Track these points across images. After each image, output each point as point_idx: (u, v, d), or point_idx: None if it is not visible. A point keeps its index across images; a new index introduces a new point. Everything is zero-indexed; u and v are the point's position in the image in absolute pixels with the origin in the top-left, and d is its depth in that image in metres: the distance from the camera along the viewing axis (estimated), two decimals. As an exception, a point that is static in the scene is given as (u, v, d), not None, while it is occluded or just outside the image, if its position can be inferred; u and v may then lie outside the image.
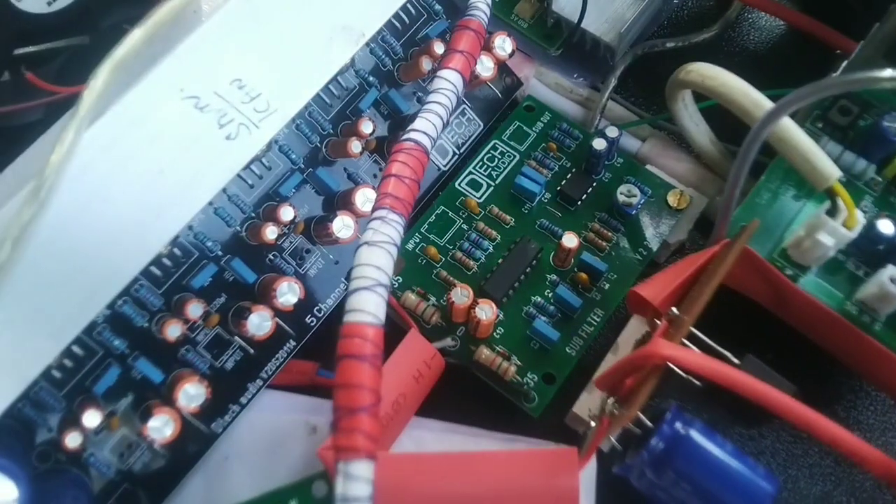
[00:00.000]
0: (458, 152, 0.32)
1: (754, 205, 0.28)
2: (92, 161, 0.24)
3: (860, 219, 0.24)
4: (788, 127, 0.24)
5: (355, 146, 0.28)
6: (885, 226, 0.25)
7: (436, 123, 0.25)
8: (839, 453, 0.29)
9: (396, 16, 0.30)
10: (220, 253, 0.26)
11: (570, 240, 0.28)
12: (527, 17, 0.35)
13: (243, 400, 0.27)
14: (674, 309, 0.24)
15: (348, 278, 0.29)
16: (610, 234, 0.30)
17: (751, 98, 0.24)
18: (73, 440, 0.24)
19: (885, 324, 0.26)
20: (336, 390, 0.18)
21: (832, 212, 0.24)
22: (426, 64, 0.29)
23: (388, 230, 0.20)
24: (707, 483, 0.22)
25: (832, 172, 0.23)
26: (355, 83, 0.29)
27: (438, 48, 0.29)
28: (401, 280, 0.29)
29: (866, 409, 0.30)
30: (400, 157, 0.22)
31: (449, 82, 0.26)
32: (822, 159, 0.23)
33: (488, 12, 0.27)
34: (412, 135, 0.24)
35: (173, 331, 0.25)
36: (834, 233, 0.24)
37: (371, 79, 0.30)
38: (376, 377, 0.18)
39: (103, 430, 0.25)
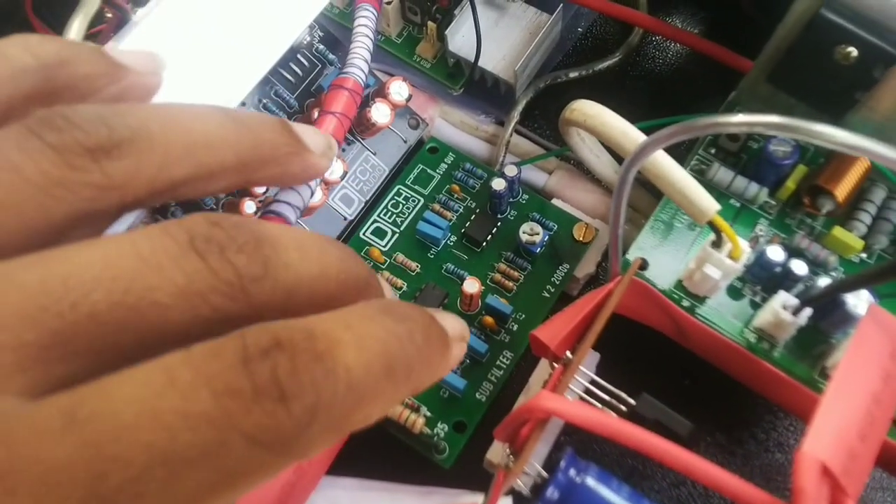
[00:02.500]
0: (363, 200, 0.32)
1: (651, 236, 0.28)
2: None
3: (745, 248, 0.24)
4: (664, 164, 0.24)
5: (248, 207, 0.28)
6: (774, 252, 0.25)
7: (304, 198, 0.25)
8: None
9: (289, 69, 0.30)
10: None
11: (471, 285, 0.28)
12: (429, 57, 0.35)
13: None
14: (568, 353, 0.24)
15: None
16: (517, 273, 0.30)
17: (627, 136, 0.24)
18: None
19: (785, 349, 0.26)
20: None
21: (717, 243, 0.24)
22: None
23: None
24: (600, 532, 0.21)
25: (710, 206, 0.23)
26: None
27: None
28: (307, 337, 0.29)
29: (786, 429, 0.30)
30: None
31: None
32: (699, 194, 0.23)
33: (366, 69, 0.27)
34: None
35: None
36: (720, 265, 0.24)
37: (331, 56, 0.31)
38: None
39: None
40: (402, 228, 0.31)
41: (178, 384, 0.12)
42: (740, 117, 0.19)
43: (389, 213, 0.31)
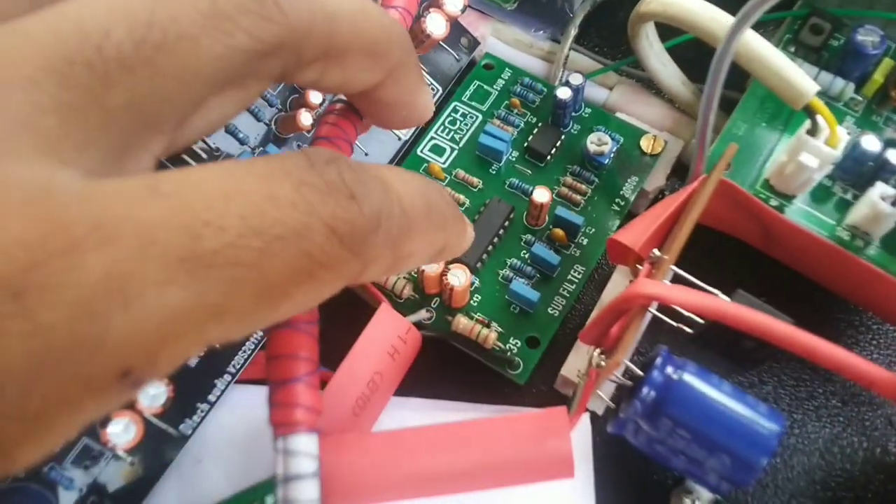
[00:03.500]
0: (418, 119, 0.30)
1: (731, 137, 0.26)
2: None
3: (843, 135, 0.23)
4: (758, 45, 0.22)
5: (305, 118, 0.26)
6: (869, 142, 0.24)
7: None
8: (846, 386, 0.28)
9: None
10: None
11: (541, 194, 0.27)
12: (479, -26, 0.33)
13: (211, 397, 0.25)
14: (655, 251, 0.23)
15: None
16: (584, 186, 0.29)
17: (714, 18, 0.23)
18: (27, 454, 0.22)
19: (880, 246, 0.24)
20: (268, 364, 0.16)
21: (813, 131, 0.23)
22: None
23: None
24: (706, 428, 0.20)
25: (809, 87, 0.22)
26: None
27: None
28: (368, 255, 0.27)
29: (869, 343, 0.29)
30: (330, 119, 0.20)
31: None
32: (797, 74, 0.22)
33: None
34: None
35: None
36: (817, 152, 0.23)
37: None
38: (311, 344, 0.16)
39: (62, 441, 0.23)
40: (461, 144, 0.30)
41: (258, 171, 0.13)
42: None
43: (447, 130, 0.30)
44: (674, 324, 0.23)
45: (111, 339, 0.11)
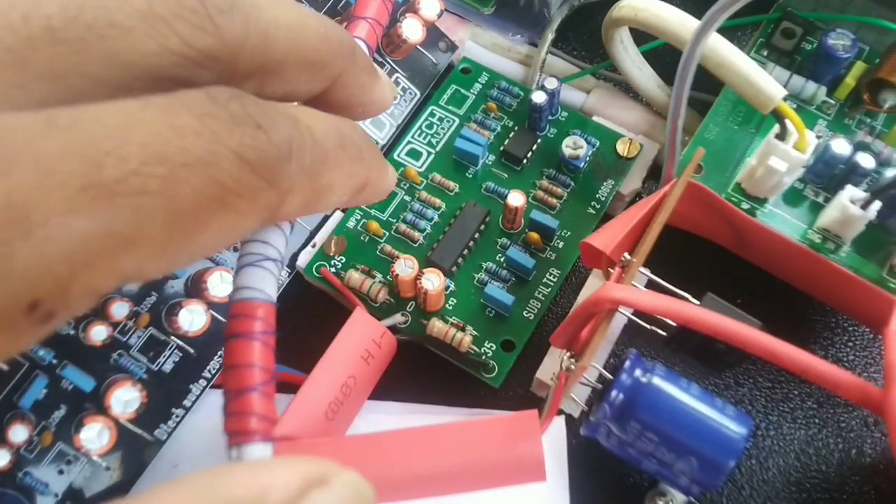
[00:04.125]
0: (395, 124, 0.30)
1: (703, 141, 0.27)
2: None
3: (811, 139, 0.23)
4: (726, 50, 0.22)
5: None
6: (839, 146, 0.24)
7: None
8: (821, 388, 0.28)
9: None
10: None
11: (515, 198, 0.27)
12: (457, -21, 0.33)
13: (187, 402, 0.25)
14: (626, 255, 0.23)
15: (290, 266, 0.28)
16: (560, 190, 0.29)
17: (683, 23, 0.23)
18: (0, 458, 0.22)
19: (852, 249, 0.25)
20: (224, 373, 0.16)
21: (782, 135, 0.23)
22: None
23: None
24: (673, 431, 0.20)
25: (776, 92, 0.22)
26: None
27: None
28: (344, 259, 0.27)
29: (844, 345, 0.29)
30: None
31: None
32: (764, 79, 0.22)
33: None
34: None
35: (98, 333, 0.24)
36: (786, 156, 0.23)
37: None
38: (267, 354, 0.16)
39: (36, 446, 0.23)
40: (437, 149, 0.30)
41: (156, 103, 0.12)
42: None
43: (424, 134, 0.30)
44: (648, 327, 0.23)
45: (15, 270, 0.11)
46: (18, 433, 0.23)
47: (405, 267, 0.26)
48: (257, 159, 0.13)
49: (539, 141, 0.30)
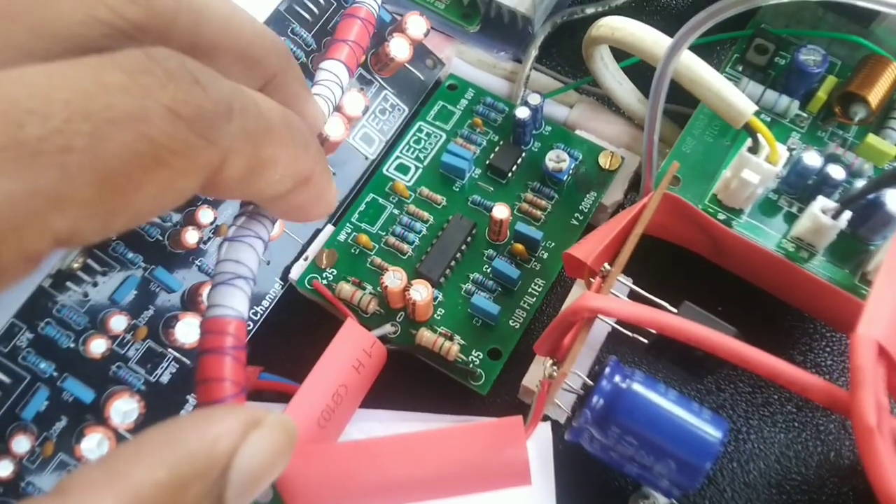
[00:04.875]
0: (384, 140, 0.31)
1: (681, 154, 0.27)
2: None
3: (782, 152, 0.24)
4: (698, 67, 0.23)
5: (191, 237, 0.27)
6: (810, 158, 0.25)
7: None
8: (797, 395, 0.28)
9: (305, 6, 0.30)
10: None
11: (500, 211, 0.28)
12: (443, -2, 0.34)
13: (184, 413, 0.26)
14: (606, 265, 0.24)
15: (283, 279, 0.28)
16: (544, 202, 0.30)
17: (658, 42, 0.24)
18: (3, 469, 0.23)
19: (824, 257, 0.25)
20: (196, 388, 0.17)
21: (754, 149, 0.24)
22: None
23: (253, 225, 0.19)
24: (651, 434, 0.21)
25: (747, 107, 0.23)
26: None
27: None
28: (335, 272, 0.28)
29: (823, 350, 0.29)
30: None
31: (332, 73, 0.25)
32: (735, 95, 0.23)
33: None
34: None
35: (98, 346, 0.24)
36: (758, 169, 0.24)
37: None
38: (237, 369, 0.17)
39: (38, 456, 0.24)
40: (425, 163, 0.31)
41: (85, 62, 0.12)
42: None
43: (412, 149, 0.31)
44: (630, 335, 0.24)
45: None
46: (21, 444, 0.23)
47: (394, 278, 0.27)
48: (192, 114, 0.13)
49: (524, 155, 0.31)
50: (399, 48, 0.30)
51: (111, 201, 0.12)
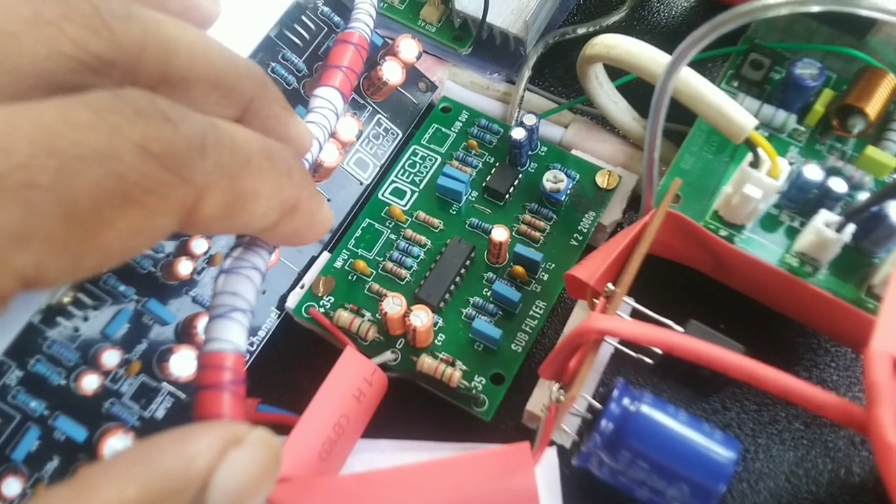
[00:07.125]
0: (378, 164, 0.31)
1: (679, 171, 0.27)
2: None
3: (784, 166, 0.24)
4: (697, 83, 0.23)
5: (184, 268, 0.26)
6: (812, 172, 0.25)
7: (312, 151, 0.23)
8: (802, 411, 0.28)
9: (296, 32, 0.30)
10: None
11: (499, 233, 0.27)
12: (433, 21, 0.34)
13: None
14: (610, 285, 0.23)
15: (279, 307, 0.28)
16: (543, 223, 0.29)
17: (655, 59, 0.24)
18: (-7, 513, 0.22)
19: (829, 272, 0.25)
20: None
21: (755, 163, 0.24)
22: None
23: (250, 256, 0.18)
24: (663, 458, 0.21)
25: (747, 122, 0.23)
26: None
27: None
28: (332, 299, 0.28)
29: (828, 366, 0.29)
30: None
31: (326, 100, 0.24)
32: (735, 110, 0.23)
33: (371, 24, 0.26)
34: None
35: (90, 382, 0.24)
36: (760, 184, 0.24)
37: (336, 19, 0.30)
38: (236, 404, 0.16)
39: (29, 499, 0.23)
40: (421, 187, 0.30)
41: (52, 102, 0.12)
42: None
43: (407, 173, 0.31)
44: (634, 355, 0.23)
45: None
46: (11, 486, 0.23)
47: (393, 305, 0.26)
48: (163, 151, 0.13)
49: (520, 176, 0.30)
50: (391, 72, 0.30)
51: (80, 240, 0.12)
